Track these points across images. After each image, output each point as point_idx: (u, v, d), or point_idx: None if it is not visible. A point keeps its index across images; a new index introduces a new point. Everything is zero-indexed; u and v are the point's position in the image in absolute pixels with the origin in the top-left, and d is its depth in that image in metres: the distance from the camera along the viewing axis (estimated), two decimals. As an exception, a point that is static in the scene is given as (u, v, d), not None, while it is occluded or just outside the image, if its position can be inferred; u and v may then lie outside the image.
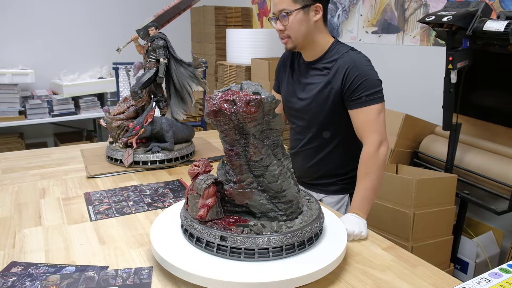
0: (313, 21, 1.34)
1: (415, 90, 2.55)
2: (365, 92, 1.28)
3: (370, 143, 1.27)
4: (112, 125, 1.67)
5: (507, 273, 0.72)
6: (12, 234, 1.09)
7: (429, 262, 0.97)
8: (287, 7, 1.32)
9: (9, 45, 3.74)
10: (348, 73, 1.29)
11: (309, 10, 1.32)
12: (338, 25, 3.08)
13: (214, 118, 0.86)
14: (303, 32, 1.34)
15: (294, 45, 1.38)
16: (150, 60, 1.63)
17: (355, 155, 1.33)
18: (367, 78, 1.28)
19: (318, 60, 1.38)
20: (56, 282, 0.86)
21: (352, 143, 1.38)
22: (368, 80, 1.28)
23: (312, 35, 1.35)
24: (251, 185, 0.91)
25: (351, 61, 1.31)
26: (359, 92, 1.28)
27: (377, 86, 1.30)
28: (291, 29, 1.34)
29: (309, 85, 1.40)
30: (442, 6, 2.26)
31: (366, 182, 1.25)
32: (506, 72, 1.90)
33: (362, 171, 1.27)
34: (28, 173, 1.56)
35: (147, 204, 1.27)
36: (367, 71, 1.30)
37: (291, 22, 1.33)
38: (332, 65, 1.34)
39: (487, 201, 1.95)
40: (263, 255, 0.86)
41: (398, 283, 0.89)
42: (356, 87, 1.28)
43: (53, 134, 4.09)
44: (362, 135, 1.30)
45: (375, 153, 1.26)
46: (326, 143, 1.41)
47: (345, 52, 1.34)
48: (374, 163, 1.25)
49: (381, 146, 1.27)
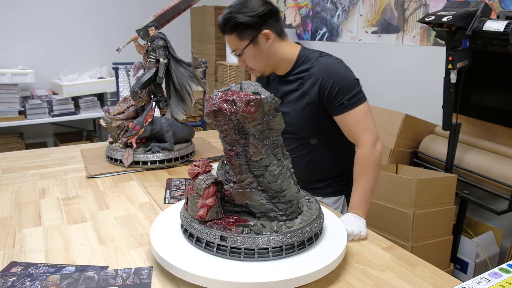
0: (267, 47, 1.31)
1: (415, 90, 2.55)
2: (346, 97, 1.25)
3: (364, 144, 1.25)
4: (112, 125, 1.67)
5: (507, 273, 0.72)
6: (12, 234, 1.09)
7: (429, 262, 0.97)
8: (236, 47, 1.33)
9: (9, 45, 3.74)
10: (324, 82, 1.27)
11: (258, 40, 1.30)
12: (338, 25, 3.08)
13: (214, 118, 0.86)
14: (262, 62, 1.33)
15: (260, 73, 1.38)
16: (150, 60, 1.63)
17: (346, 156, 1.33)
18: (344, 82, 1.25)
19: (289, 73, 1.36)
20: (56, 282, 0.86)
21: (341, 146, 1.37)
22: (345, 84, 1.25)
23: (274, 58, 1.34)
24: (251, 185, 0.91)
25: (324, 68, 1.28)
26: (339, 99, 1.25)
27: (355, 87, 1.26)
28: (250, 63, 1.35)
29: (285, 98, 1.38)
30: (442, 6, 2.26)
31: (363, 181, 1.24)
32: (506, 72, 1.90)
33: (359, 171, 1.26)
34: (28, 173, 1.56)
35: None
36: (342, 74, 1.27)
37: (246, 58, 1.33)
38: (304, 75, 1.31)
39: (487, 201, 1.95)
40: (263, 255, 0.86)
41: (398, 283, 0.89)
42: (335, 94, 1.26)
43: (53, 134, 4.09)
44: (354, 138, 1.29)
45: (371, 152, 1.24)
46: (314, 149, 1.39)
47: (314, 60, 1.31)
48: (370, 163, 1.25)
49: (376, 144, 1.26)
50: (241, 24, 1.27)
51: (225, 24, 1.30)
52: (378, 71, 2.80)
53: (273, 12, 1.30)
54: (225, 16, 1.29)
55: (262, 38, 1.30)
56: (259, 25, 1.28)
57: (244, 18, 1.26)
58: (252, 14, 1.26)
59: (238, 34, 1.29)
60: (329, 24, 3.17)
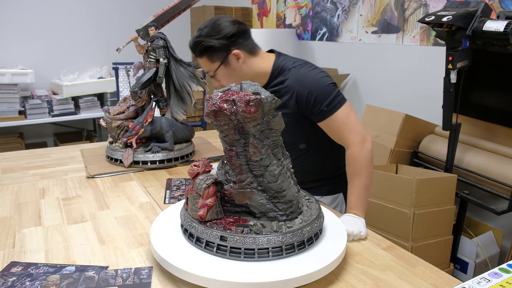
0: (239, 66, 1.32)
1: (414, 90, 2.55)
2: (324, 104, 1.24)
3: (352, 145, 1.25)
4: (112, 125, 1.67)
5: (507, 273, 0.72)
6: (12, 234, 1.09)
7: (429, 262, 0.97)
8: (209, 69, 1.33)
9: (9, 45, 3.73)
10: (299, 94, 1.26)
11: (229, 61, 1.30)
12: (338, 25, 3.08)
13: (214, 118, 0.86)
14: (236, 81, 1.30)
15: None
16: (150, 60, 1.63)
17: (338, 156, 1.32)
18: (318, 90, 1.24)
19: (266, 86, 1.36)
20: (56, 282, 0.86)
21: (331, 146, 1.36)
22: (321, 92, 1.24)
23: (247, 75, 1.33)
24: (251, 185, 0.91)
25: (296, 80, 1.28)
26: (317, 107, 1.25)
27: (332, 92, 1.25)
28: (224, 83, 1.35)
29: None
30: (442, 6, 2.26)
31: (357, 181, 1.23)
32: (506, 72, 1.90)
33: (351, 172, 1.25)
34: (28, 173, 1.56)
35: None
36: (315, 83, 1.26)
37: (220, 78, 1.34)
38: (280, 88, 1.31)
39: (487, 201, 1.95)
40: (263, 255, 0.86)
41: (398, 283, 0.89)
42: (312, 103, 1.25)
43: (53, 134, 4.09)
44: (341, 141, 1.28)
45: (360, 152, 1.23)
46: (305, 152, 1.39)
47: (288, 71, 1.31)
48: (361, 163, 1.23)
49: (364, 143, 1.24)
50: (209, 47, 1.29)
51: (195, 48, 1.32)
52: (378, 71, 2.80)
53: (242, 31, 1.31)
54: (195, 40, 1.31)
55: (232, 58, 1.31)
56: (228, 46, 1.29)
57: (212, 42, 1.28)
58: (220, 37, 1.28)
59: (209, 57, 1.31)
60: (329, 24, 3.17)
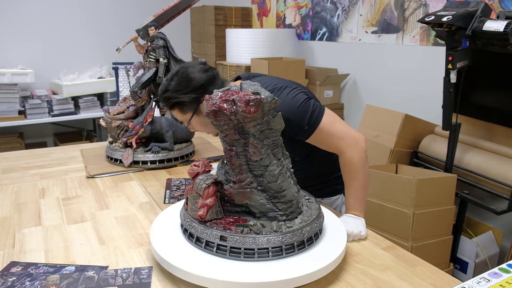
0: None
1: (414, 90, 2.55)
2: (304, 124, 1.18)
3: (344, 151, 1.22)
4: (111, 125, 1.67)
5: (507, 272, 0.72)
6: (12, 234, 1.09)
7: (429, 262, 0.97)
8: (182, 119, 1.29)
9: (9, 45, 3.73)
10: None
11: (201, 110, 1.25)
12: (338, 25, 3.08)
13: (214, 118, 0.86)
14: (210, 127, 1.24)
15: (215, 133, 1.34)
16: (150, 60, 1.63)
17: (335, 158, 1.30)
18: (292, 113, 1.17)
19: None
20: (55, 282, 0.86)
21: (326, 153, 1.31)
22: (294, 113, 1.17)
23: None
24: (251, 185, 0.91)
25: None
26: (297, 127, 1.19)
27: (307, 109, 1.18)
28: (200, 129, 1.32)
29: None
30: (441, 6, 2.26)
31: (354, 183, 1.22)
32: (505, 72, 1.90)
33: (347, 175, 1.24)
34: (28, 173, 1.56)
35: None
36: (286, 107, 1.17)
37: (195, 126, 1.31)
38: None
39: (486, 201, 1.95)
40: (263, 255, 0.85)
41: (398, 283, 0.89)
42: (291, 126, 1.15)
43: (53, 134, 4.09)
44: (334, 150, 1.25)
45: (354, 156, 1.20)
46: (300, 163, 1.35)
47: None
48: (355, 166, 1.21)
49: (357, 145, 1.21)
50: (179, 103, 1.24)
51: (165, 102, 1.27)
52: (378, 71, 2.80)
53: (212, 78, 1.26)
54: (163, 96, 1.25)
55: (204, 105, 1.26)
56: (198, 98, 1.23)
57: (180, 97, 1.23)
58: (189, 90, 1.22)
59: (180, 110, 1.26)
60: (329, 24, 3.17)
